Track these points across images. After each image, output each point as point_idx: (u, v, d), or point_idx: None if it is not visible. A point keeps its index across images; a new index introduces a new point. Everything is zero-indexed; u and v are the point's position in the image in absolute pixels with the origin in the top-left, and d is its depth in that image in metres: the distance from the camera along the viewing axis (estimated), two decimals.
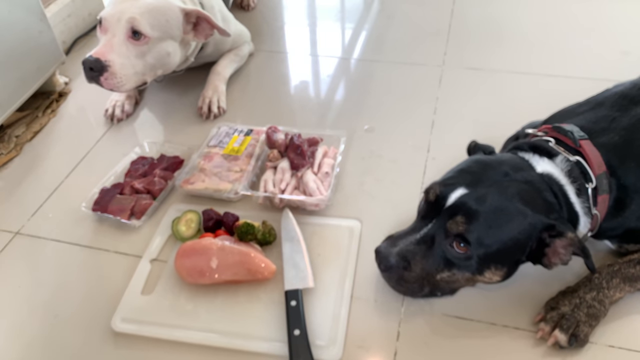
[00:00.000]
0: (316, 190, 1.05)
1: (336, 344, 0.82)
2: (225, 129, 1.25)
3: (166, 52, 1.23)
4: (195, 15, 1.24)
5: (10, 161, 1.28)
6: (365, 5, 1.83)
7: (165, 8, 1.20)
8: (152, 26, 1.17)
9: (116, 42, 1.16)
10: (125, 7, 1.17)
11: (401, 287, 0.86)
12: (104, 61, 1.14)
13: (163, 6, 1.20)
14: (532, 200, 0.80)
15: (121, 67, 1.16)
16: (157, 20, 1.18)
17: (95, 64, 1.14)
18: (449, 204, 0.81)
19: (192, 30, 1.26)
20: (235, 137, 1.22)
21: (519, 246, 0.80)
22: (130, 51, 1.17)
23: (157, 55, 1.22)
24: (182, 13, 1.22)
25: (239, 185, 1.09)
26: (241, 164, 1.15)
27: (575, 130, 0.86)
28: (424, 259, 0.82)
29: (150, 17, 1.17)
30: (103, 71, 1.15)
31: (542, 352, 0.81)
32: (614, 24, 1.60)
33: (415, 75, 1.45)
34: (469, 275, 0.82)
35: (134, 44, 1.17)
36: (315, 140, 1.14)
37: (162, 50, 1.22)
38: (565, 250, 0.79)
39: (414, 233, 0.84)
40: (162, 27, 1.20)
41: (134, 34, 1.16)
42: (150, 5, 1.18)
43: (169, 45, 1.23)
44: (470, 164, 0.87)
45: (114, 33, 1.17)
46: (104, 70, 1.15)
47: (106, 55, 1.15)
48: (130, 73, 1.18)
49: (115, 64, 1.15)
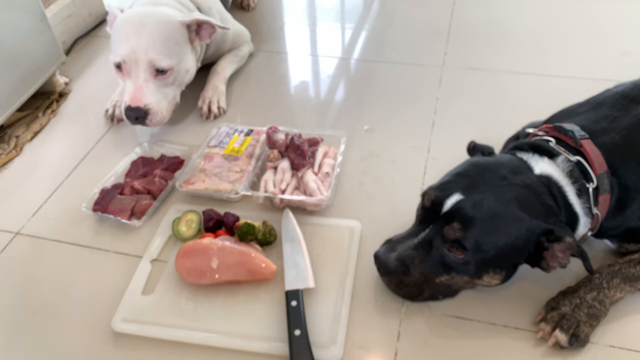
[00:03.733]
0: (317, 190, 1.05)
1: (337, 344, 0.82)
2: (225, 129, 1.25)
3: (185, 70, 1.28)
4: (195, 23, 1.26)
5: (10, 161, 1.28)
6: (365, 5, 1.83)
7: (170, 30, 1.22)
8: (170, 56, 1.22)
9: (144, 84, 1.21)
10: (136, 46, 1.19)
11: (401, 291, 0.87)
12: (143, 107, 1.20)
13: (168, 30, 1.22)
14: (530, 204, 0.79)
15: (158, 104, 1.22)
16: (170, 49, 1.22)
17: (139, 113, 1.20)
18: (445, 209, 0.80)
19: (196, 36, 1.29)
20: (235, 137, 1.22)
21: (516, 251, 0.80)
22: (158, 86, 1.23)
23: (180, 77, 1.27)
24: (184, 27, 1.25)
25: (239, 186, 1.09)
26: (241, 164, 1.15)
27: (576, 130, 0.86)
28: (422, 264, 0.82)
29: (164, 48, 1.20)
30: (147, 115, 1.20)
31: (543, 352, 0.81)
32: (614, 24, 1.60)
33: (415, 75, 1.45)
34: (468, 279, 0.82)
35: (160, 79, 1.22)
36: (315, 140, 1.14)
37: (182, 69, 1.27)
38: (563, 255, 0.79)
39: (412, 238, 0.84)
40: (176, 51, 1.24)
41: (157, 72, 1.21)
42: (158, 35, 1.20)
43: (187, 62, 1.28)
44: (467, 168, 0.86)
45: (137, 75, 1.20)
46: (147, 114, 1.20)
47: (142, 100, 1.20)
48: (165, 104, 1.25)
49: (153, 104, 1.21)
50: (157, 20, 1.21)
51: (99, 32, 1.75)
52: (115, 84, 1.41)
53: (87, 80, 1.53)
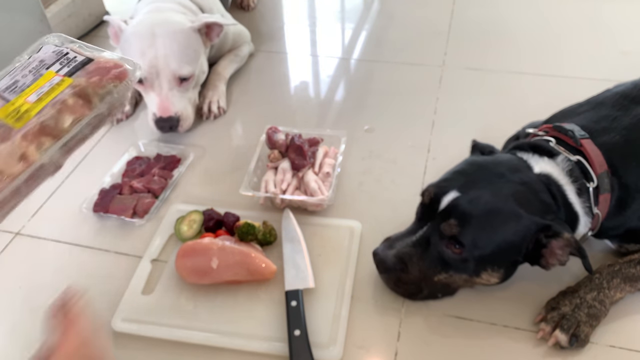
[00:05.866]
0: (317, 190, 1.05)
1: (336, 344, 0.82)
2: (50, 49, 0.56)
3: (203, 71, 1.32)
4: (204, 26, 1.28)
5: None
6: (365, 5, 1.83)
7: (185, 38, 1.24)
8: (190, 63, 1.24)
9: (169, 92, 1.23)
10: (155, 59, 1.20)
11: (400, 288, 0.87)
12: (174, 115, 1.23)
13: (183, 38, 1.24)
14: (528, 201, 0.80)
15: (185, 110, 1.26)
16: (189, 56, 1.24)
17: (172, 122, 1.23)
18: (442, 206, 0.81)
19: (206, 37, 1.31)
20: (47, 76, 0.53)
21: (514, 248, 0.80)
22: (182, 92, 1.25)
23: (199, 79, 1.31)
24: (195, 32, 1.27)
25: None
26: (12, 149, 0.58)
27: (576, 130, 0.86)
28: (420, 261, 0.82)
29: (184, 56, 1.23)
30: (178, 122, 1.24)
31: (543, 352, 0.81)
32: (614, 24, 1.60)
33: (415, 75, 1.45)
34: (466, 277, 0.83)
35: (184, 86, 1.25)
36: (315, 140, 1.14)
37: (201, 71, 1.30)
38: (562, 251, 0.79)
39: (411, 235, 0.84)
40: (194, 57, 1.26)
41: (181, 80, 1.24)
42: (175, 45, 1.22)
43: (203, 65, 1.31)
44: (465, 166, 0.87)
45: (161, 86, 1.22)
46: (179, 122, 1.24)
47: (171, 109, 1.23)
48: (190, 108, 1.28)
49: (182, 110, 1.25)
50: (170, 30, 1.22)
51: (99, 32, 1.75)
52: None
53: None
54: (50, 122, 0.44)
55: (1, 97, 0.47)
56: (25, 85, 0.48)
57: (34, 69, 0.50)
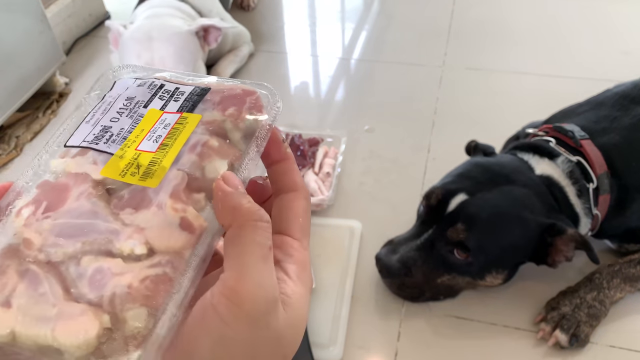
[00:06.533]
0: (317, 190, 1.05)
1: (337, 344, 0.82)
2: (129, 82, 0.39)
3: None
4: (201, 29, 1.27)
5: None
6: (365, 5, 1.83)
7: (181, 41, 1.23)
8: (186, 65, 1.24)
9: None
10: (151, 61, 1.19)
11: (403, 292, 0.87)
12: None
13: (180, 40, 1.23)
14: (532, 204, 0.80)
15: None
16: (186, 58, 1.23)
17: None
18: (449, 210, 0.80)
19: (204, 42, 1.31)
20: (152, 116, 0.36)
21: (519, 250, 0.80)
22: None
23: None
24: (193, 35, 1.26)
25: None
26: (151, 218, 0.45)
27: (576, 130, 0.86)
28: (424, 265, 0.82)
29: (180, 58, 1.22)
30: None
31: (543, 352, 0.81)
32: (614, 24, 1.60)
33: (415, 76, 1.45)
34: (470, 280, 0.83)
35: None
36: (316, 140, 1.14)
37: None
38: (567, 247, 0.79)
39: (415, 239, 0.84)
40: (191, 59, 1.25)
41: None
42: (172, 48, 1.21)
43: (200, 68, 1.30)
44: (470, 168, 0.86)
45: None
46: None
47: None
48: None
49: None
50: (167, 33, 1.22)
51: (99, 32, 1.75)
52: None
53: (87, 81, 1.53)
54: (196, 172, 0.32)
55: (96, 151, 0.33)
56: (125, 131, 0.34)
57: (124, 110, 0.36)
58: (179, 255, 0.29)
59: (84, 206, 0.30)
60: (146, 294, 0.27)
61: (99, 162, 0.33)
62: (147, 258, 0.29)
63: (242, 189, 0.30)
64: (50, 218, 0.30)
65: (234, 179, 0.30)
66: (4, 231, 0.30)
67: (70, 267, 0.28)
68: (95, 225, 0.30)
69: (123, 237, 0.29)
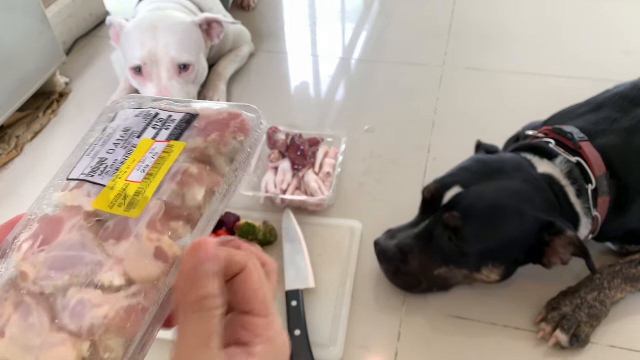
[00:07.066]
0: (318, 190, 1.05)
1: (337, 344, 0.82)
2: (129, 113, 0.41)
3: (203, 68, 1.29)
4: (205, 22, 1.28)
5: (10, 161, 1.28)
6: (365, 5, 1.83)
7: (185, 30, 1.24)
8: (189, 52, 1.22)
9: (168, 82, 1.21)
10: (154, 48, 1.19)
11: (398, 279, 0.87)
12: None
13: (183, 30, 1.23)
14: (532, 198, 0.80)
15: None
16: (189, 46, 1.23)
17: None
18: (446, 200, 0.81)
19: (207, 36, 1.31)
20: (144, 144, 0.37)
21: (516, 244, 0.80)
22: (182, 84, 1.23)
23: (199, 74, 1.28)
24: (196, 26, 1.26)
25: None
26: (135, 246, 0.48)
27: (575, 132, 0.87)
28: (421, 253, 0.83)
29: (183, 45, 1.22)
30: None
31: (543, 352, 0.81)
32: (614, 23, 1.60)
33: (415, 75, 1.45)
34: (466, 272, 0.83)
35: (184, 76, 1.23)
36: (316, 140, 1.14)
37: (201, 67, 1.28)
38: (564, 250, 0.79)
39: (413, 227, 0.85)
40: (194, 47, 1.25)
41: (181, 68, 1.21)
42: (175, 36, 1.21)
43: (202, 60, 1.29)
44: (470, 163, 0.87)
45: (159, 76, 1.20)
46: None
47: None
48: None
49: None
50: (170, 23, 1.22)
51: (99, 32, 1.75)
52: (115, 83, 1.41)
53: (87, 80, 1.53)
54: (175, 200, 0.32)
55: (91, 183, 0.34)
56: (118, 162, 0.35)
57: (120, 141, 0.36)
58: (152, 285, 0.30)
59: (74, 238, 0.31)
60: (120, 325, 0.29)
61: (92, 194, 0.33)
62: (125, 288, 0.30)
63: (212, 265, 0.31)
64: (45, 251, 0.31)
65: (205, 250, 0.31)
66: (8, 264, 0.31)
67: (57, 299, 0.30)
68: (82, 258, 0.31)
69: (105, 269, 0.30)
